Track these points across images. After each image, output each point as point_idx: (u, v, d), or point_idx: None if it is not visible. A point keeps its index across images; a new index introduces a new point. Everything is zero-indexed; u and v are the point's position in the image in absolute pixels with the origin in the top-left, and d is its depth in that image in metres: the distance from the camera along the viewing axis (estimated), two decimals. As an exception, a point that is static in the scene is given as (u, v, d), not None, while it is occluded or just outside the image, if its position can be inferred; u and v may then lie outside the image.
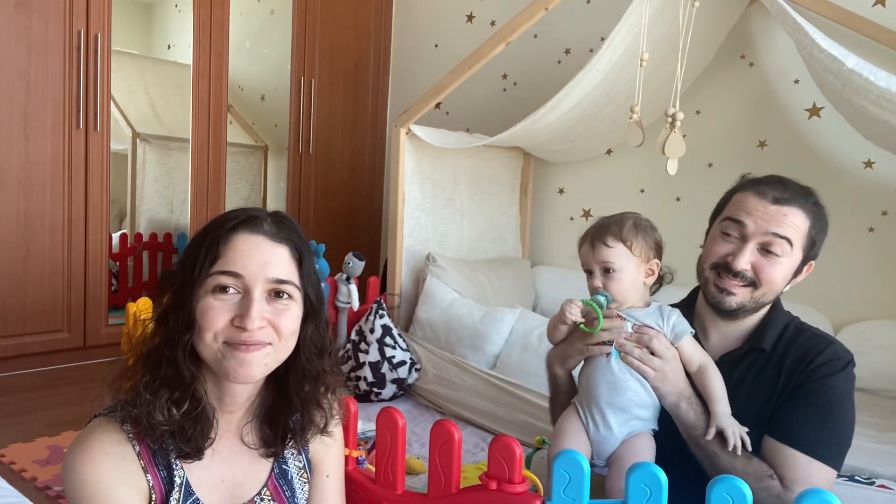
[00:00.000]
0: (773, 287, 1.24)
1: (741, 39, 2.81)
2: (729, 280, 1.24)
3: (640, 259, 1.28)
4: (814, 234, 1.25)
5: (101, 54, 2.85)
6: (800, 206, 1.23)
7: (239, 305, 0.86)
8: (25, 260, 2.76)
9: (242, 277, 0.87)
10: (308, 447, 1.04)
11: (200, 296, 0.86)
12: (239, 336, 0.86)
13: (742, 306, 1.25)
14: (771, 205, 1.23)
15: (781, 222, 1.22)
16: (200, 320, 0.86)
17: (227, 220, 0.90)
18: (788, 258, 1.23)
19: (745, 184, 1.30)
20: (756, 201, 1.24)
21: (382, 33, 4.06)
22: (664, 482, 1.00)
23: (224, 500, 0.94)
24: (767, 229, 1.22)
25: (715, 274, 1.27)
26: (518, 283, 3.25)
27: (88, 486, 0.83)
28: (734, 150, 2.86)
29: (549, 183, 3.49)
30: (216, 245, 0.87)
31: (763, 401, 1.23)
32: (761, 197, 1.24)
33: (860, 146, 2.49)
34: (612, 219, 1.31)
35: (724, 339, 1.32)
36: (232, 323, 0.86)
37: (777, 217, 1.22)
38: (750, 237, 1.23)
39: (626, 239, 1.27)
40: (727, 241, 1.26)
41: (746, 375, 1.27)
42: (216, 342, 0.86)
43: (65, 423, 2.29)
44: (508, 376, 2.46)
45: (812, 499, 0.92)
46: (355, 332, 2.72)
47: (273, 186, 3.96)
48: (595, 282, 1.30)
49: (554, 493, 1.06)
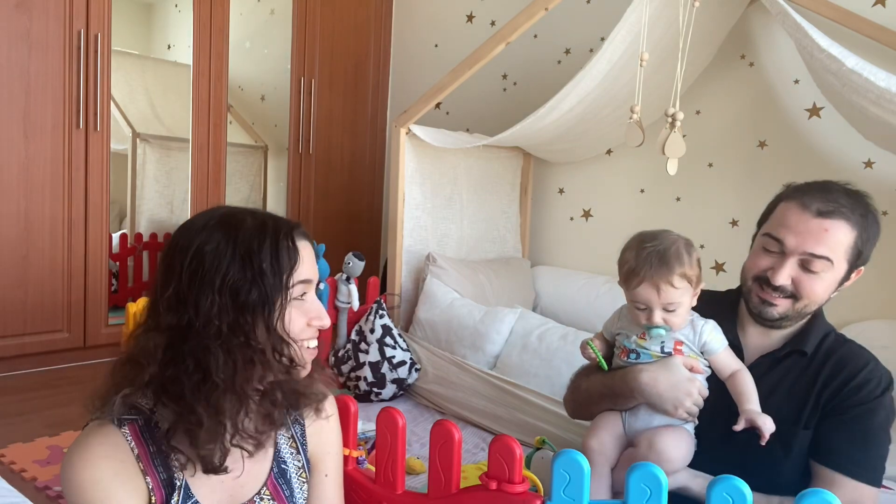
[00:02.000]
0: (815, 299, 1.25)
1: (741, 39, 2.80)
2: (770, 293, 1.25)
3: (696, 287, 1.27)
4: (860, 244, 1.24)
5: (101, 54, 2.85)
6: (844, 219, 1.21)
7: (311, 308, 0.93)
8: (25, 260, 2.76)
9: (311, 282, 0.93)
10: (307, 445, 1.04)
11: (284, 306, 0.89)
12: (313, 334, 0.93)
13: (785, 316, 1.26)
14: (813, 218, 1.20)
15: (821, 239, 1.20)
16: (290, 329, 0.90)
17: (275, 226, 0.91)
18: (830, 273, 1.23)
19: (790, 193, 1.28)
20: (798, 214, 1.22)
21: (382, 33, 4.06)
22: (664, 482, 1.00)
23: (224, 500, 0.94)
24: (806, 249, 1.21)
25: (757, 286, 1.28)
26: (518, 283, 3.25)
27: (87, 490, 0.83)
28: (734, 150, 2.86)
29: (549, 183, 3.49)
30: (294, 254, 0.90)
31: (799, 402, 1.25)
32: (804, 209, 1.22)
33: (860, 146, 2.49)
34: (665, 248, 1.24)
35: (765, 340, 1.33)
36: (308, 325, 0.92)
37: (818, 234, 1.20)
38: (789, 254, 1.22)
39: (689, 276, 1.24)
40: (768, 255, 1.26)
41: (786, 376, 1.28)
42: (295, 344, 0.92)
43: (65, 423, 2.29)
44: (508, 376, 2.46)
45: (812, 499, 0.91)
46: (355, 332, 2.72)
47: (273, 186, 3.96)
48: (655, 319, 1.25)
49: (554, 493, 1.06)
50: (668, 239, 1.25)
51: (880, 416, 1.20)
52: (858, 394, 1.21)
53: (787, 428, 1.23)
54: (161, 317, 0.87)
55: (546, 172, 3.49)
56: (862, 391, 1.21)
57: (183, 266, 0.86)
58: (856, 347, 1.29)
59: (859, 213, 1.23)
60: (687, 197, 2.97)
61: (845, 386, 1.22)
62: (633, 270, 1.24)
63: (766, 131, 2.79)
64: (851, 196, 1.25)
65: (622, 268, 1.27)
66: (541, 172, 3.50)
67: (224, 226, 0.89)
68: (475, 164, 3.22)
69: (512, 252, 3.44)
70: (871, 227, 1.25)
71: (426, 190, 3.00)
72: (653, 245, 1.24)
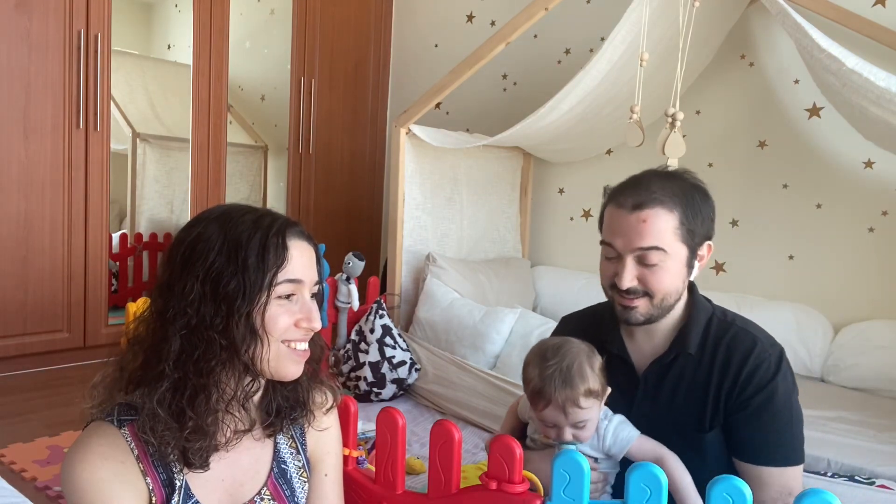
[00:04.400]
0: (669, 290, 1.21)
1: (741, 39, 2.81)
2: (625, 297, 1.22)
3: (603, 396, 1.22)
4: (688, 222, 1.20)
5: (101, 54, 2.85)
6: (659, 204, 1.18)
7: (301, 309, 0.91)
8: (25, 260, 2.76)
9: (303, 282, 0.91)
10: (307, 445, 1.04)
11: (265, 303, 0.87)
12: (303, 336, 0.91)
13: (649, 317, 1.23)
14: (630, 214, 1.19)
15: (642, 232, 1.18)
16: (270, 327, 0.88)
17: (270, 223, 0.90)
18: (669, 261, 1.19)
19: (610, 195, 1.27)
20: (618, 215, 1.21)
21: (382, 33, 4.06)
22: (664, 482, 1.00)
23: (224, 500, 0.94)
24: (634, 245, 1.19)
25: (615, 293, 1.25)
26: (518, 283, 3.25)
27: (87, 491, 0.83)
28: (734, 150, 2.86)
29: (549, 183, 3.49)
30: (282, 252, 0.88)
31: (698, 405, 1.23)
32: (621, 208, 1.21)
33: (860, 146, 2.49)
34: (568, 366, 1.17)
35: (651, 341, 1.29)
36: (296, 325, 0.90)
37: (637, 227, 1.18)
38: (624, 255, 1.21)
39: (595, 391, 1.17)
40: (610, 262, 1.25)
41: (680, 381, 1.25)
42: (280, 345, 0.90)
43: (65, 423, 2.29)
44: (508, 376, 2.46)
45: (812, 499, 0.91)
46: (355, 332, 2.72)
47: (273, 186, 3.97)
48: (565, 437, 1.19)
49: (554, 493, 1.06)
50: (569, 353, 1.19)
51: (781, 395, 1.18)
52: (752, 381, 1.19)
53: (694, 434, 1.21)
54: (153, 303, 0.90)
55: (546, 172, 3.49)
56: (755, 378, 1.19)
57: (177, 255, 0.88)
58: (738, 331, 1.24)
59: (674, 193, 1.20)
60: (687, 197, 2.96)
61: (738, 378, 1.19)
62: (539, 392, 1.18)
63: (766, 131, 2.79)
64: (664, 178, 1.22)
65: (527, 386, 1.22)
66: (541, 172, 3.50)
67: (222, 219, 0.90)
68: (475, 164, 3.22)
69: (512, 252, 3.44)
70: (695, 202, 1.21)
71: (426, 190, 3.00)
72: (555, 363, 1.18)
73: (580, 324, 1.40)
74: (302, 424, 1.03)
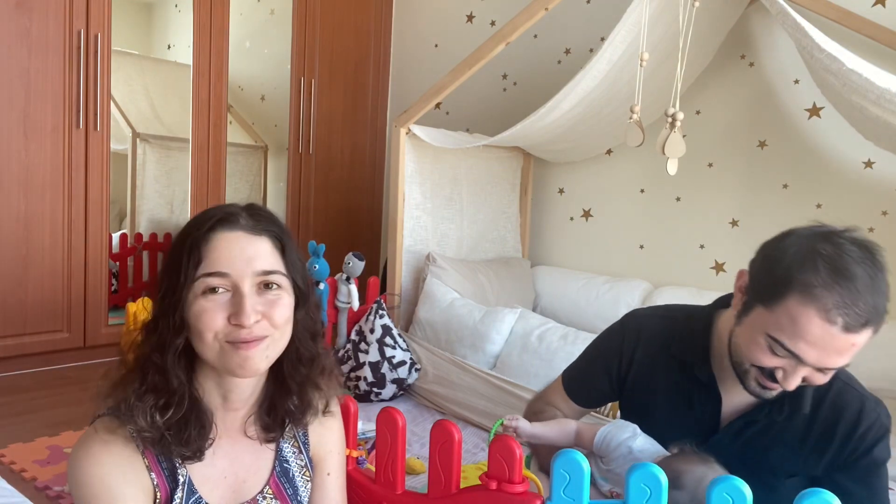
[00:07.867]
0: None
1: (741, 39, 2.81)
2: (773, 384, 1.11)
3: None
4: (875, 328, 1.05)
5: (101, 54, 2.85)
6: (873, 325, 1.02)
7: (231, 303, 0.87)
8: (25, 260, 2.76)
9: (229, 276, 0.87)
10: (309, 445, 1.04)
11: (191, 300, 0.87)
12: (238, 334, 0.86)
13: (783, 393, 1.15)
14: (841, 334, 1.00)
15: (847, 354, 1.03)
16: (196, 324, 0.86)
17: (204, 220, 0.91)
18: None
19: (803, 285, 1.02)
20: (823, 330, 1.00)
21: (382, 33, 4.06)
22: (664, 482, 1.00)
23: (227, 497, 0.94)
24: (828, 365, 1.04)
25: (758, 372, 1.11)
26: (518, 283, 3.25)
27: (93, 486, 0.83)
28: (734, 150, 2.86)
29: (549, 183, 3.49)
30: (197, 248, 0.88)
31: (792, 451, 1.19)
32: (829, 324, 1.00)
33: (860, 146, 2.49)
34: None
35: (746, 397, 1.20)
36: (229, 321, 0.87)
37: (845, 351, 1.02)
38: (807, 365, 1.05)
39: None
40: (776, 358, 1.07)
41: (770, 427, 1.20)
42: (217, 342, 0.87)
43: (65, 423, 2.29)
44: (508, 376, 2.46)
45: (812, 499, 0.91)
46: (355, 332, 2.72)
47: (273, 186, 3.96)
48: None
49: (554, 493, 1.06)
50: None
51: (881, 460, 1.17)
52: (863, 443, 1.16)
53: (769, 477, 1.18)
54: None
55: (546, 172, 3.49)
56: (866, 440, 1.16)
57: None
58: (843, 387, 1.18)
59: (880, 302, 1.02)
60: (687, 197, 2.97)
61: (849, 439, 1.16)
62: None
63: (766, 131, 2.79)
64: (873, 279, 1.01)
65: None
66: (541, 172, 3.50)
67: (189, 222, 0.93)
68: (475, 164, 3.22)
69: (512, 252, 3.44)
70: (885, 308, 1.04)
71: (426, 190, 3.00)
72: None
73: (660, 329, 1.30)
74: (304, 425, 1.04)
